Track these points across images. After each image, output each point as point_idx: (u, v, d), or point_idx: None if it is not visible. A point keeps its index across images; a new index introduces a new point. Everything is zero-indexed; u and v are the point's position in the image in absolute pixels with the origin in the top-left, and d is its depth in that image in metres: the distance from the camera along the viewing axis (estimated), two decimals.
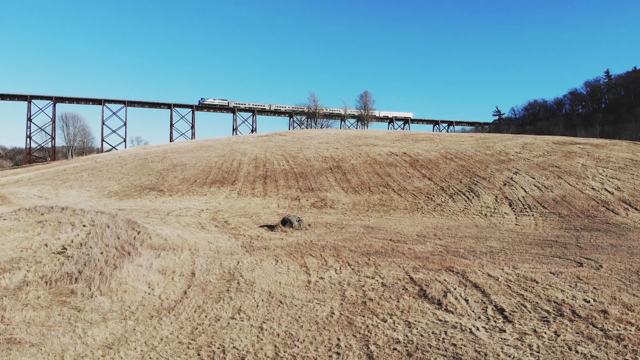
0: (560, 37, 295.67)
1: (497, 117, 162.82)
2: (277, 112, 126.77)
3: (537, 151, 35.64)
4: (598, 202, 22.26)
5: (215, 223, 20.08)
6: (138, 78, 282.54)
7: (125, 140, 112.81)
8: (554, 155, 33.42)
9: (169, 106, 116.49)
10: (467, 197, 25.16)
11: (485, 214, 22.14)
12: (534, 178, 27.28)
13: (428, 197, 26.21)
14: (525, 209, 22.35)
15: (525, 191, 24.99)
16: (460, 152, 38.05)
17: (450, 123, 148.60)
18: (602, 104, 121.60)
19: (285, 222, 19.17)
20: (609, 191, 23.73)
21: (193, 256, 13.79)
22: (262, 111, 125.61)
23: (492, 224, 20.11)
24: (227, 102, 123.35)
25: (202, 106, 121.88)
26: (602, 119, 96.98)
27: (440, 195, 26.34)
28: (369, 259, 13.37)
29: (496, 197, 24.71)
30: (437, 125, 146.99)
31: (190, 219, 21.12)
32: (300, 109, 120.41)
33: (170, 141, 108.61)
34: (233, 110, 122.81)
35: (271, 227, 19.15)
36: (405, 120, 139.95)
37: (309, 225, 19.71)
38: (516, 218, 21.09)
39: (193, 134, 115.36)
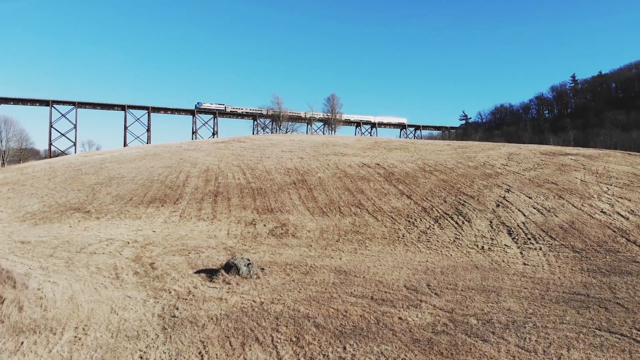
0: (525, 40, 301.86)
1: (464, 122, 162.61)
2: (237, 114, 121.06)
3: (526, 163, 31.99)
4: (615, 231, 18.43)
5: (136, 267, 15.06)
6: (89, 79, 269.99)
7: (75, 144, 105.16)
8: (546, 168, 29.76)
9: (122, 108, 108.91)
10: (457, 223, 21.01)
11: (482, 247, 17.98)
12: (530, 198, 23.40)
13: (409, 221, 21.96)
14: (530, 239, 18.29)
15: (525, 215, 21.03)
16: (439, 164, 34.07)
17: (417, 127, 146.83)
18: (569, 109, 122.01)
19: (230, 267, 14.36)
20: (622, 216, 20.00)
21: (74, 345, 8.83)
22: (223, 113, 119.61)
23: (494, 264, 15.91)
24: (224, 106, 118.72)
25: (199, 111, 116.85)
26: (571, 124, 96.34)
27: (423, 218, 22.12)
28: (345, 349, 8.80)
29: (491, 222, 20.66)
30: (404, 130, 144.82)
31: (106, 259, 16.02)
32: (263, 112, 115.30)
33: (125, 145, 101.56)
34: (193, 112, 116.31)
35: (211, 274, 14.31)
36: (372, 125, 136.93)
37: (262, 269, 14.98)
38: (521, 253, 16.97)
39: (149, 138, 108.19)
